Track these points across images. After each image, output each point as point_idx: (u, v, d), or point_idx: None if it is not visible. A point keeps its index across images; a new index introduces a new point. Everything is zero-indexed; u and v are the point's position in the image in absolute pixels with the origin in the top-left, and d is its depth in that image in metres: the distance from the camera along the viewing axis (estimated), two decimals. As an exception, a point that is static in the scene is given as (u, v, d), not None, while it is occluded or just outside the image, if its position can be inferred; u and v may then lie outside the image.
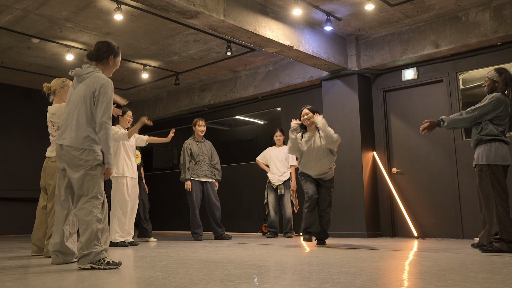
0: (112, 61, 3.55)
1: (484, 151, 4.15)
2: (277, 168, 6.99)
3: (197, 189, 6.47)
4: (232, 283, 2.41)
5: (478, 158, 4.19)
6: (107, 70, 3.55)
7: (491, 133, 4.15)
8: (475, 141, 4.27)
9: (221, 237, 6.57)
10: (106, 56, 3.51)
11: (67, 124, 3.40)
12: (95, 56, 3.50)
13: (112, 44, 3.56)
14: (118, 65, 3.63)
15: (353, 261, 3.45)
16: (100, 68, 3.50)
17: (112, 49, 3.54)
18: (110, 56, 3.53)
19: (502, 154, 4.09)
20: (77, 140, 3.33)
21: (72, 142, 3.34)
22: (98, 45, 3.53)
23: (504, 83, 4.21)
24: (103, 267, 3.12)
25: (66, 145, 3.36)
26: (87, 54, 3.52)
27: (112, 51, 3.54)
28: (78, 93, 3.41)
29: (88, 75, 3.42)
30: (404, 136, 6.71)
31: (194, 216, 6.43)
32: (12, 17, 5.93)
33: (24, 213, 8.88)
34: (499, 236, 3.97)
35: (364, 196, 6.51)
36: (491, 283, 2.35)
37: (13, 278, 2.72)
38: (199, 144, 6.65)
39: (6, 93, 8.92)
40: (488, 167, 4.10)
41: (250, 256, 3.95)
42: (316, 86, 7.49)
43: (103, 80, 3.38)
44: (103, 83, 3.36)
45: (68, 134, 3.38)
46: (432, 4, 5.77)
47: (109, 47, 3.53)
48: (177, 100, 9.38)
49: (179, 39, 6.78)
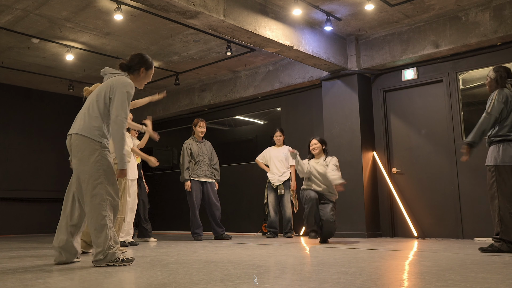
0: (144, 73, 3.54)
1: (493, 152, 4.15)
2: (277, 168, 6.99)
3: (197, 189, 6.46)
4: (232, 283, 2.41)
5: (488, 159, 4.19)
6: (137, 82, 3.54)
7: (499, 134, 4.14)
8: (487, 143, 4.27)
9: (221, 237, 6.57)
10: (138, 67, 3.51)
11: (78, 115, 3.42)
12: (127, 66, 3.50)
13: (146, 57, 3.56)
14: (150, 78, 3.61)
15: (353, 261, 3.45)
16: (131, 78, 3.49)
17: (145, 62, 3.53)
18: (142, 68, 3.52)
19: (510, 154, 4.07)
20: (84, 129, 3.32)
21: (80, 130, 3.32)
22: (132, 57, 3.54)
23: (495, 81, 4.25)
24: (118, 264, 3.20)
25: (74, 133, 3.35)
26: (120, 64, 3.51)
27: (144, 64, 3.53)
28: (98, 88, 3.43)
29: (115, 75, 3.44)
30: (404, 136, 6.71)
31: (194, 216, 6.43)
32: (12, 17, 5.93)
33: (24, 213, 8.90)
34: (499, 236, 3.97)
35: (364, 196, 6.51)
36: (491, 283, 2.35)
37: (14, 279, 2.72)
38: (199, 144, 6.65)
39: (6, 93, 8.93)
40: (496, 167, 4.09)
41: (250, 256, 3.95)
42: (316, 86, 7.49)
43: (126, 80, 3.38)
44: (124, 82, 3.36)
45: (78, 123, 3.37)
46: (432, 4, 5.77)
47: (142, 59, 3.53)
48: (177, 100, 9.38)
49: (179, 39, 6.78)
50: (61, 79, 8.62)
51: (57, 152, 9.47)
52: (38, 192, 9.10)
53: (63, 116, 9.63)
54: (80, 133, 3.32)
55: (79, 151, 3.31)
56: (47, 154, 9.31)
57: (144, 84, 3.62)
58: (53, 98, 9.49)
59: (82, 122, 3.35)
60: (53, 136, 9.43)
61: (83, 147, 3.30)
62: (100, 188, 3.24)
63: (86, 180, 3.26)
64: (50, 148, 9.36)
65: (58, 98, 9.55)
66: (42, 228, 9.04)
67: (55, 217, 10.05)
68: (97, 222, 3.22)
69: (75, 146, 3.33)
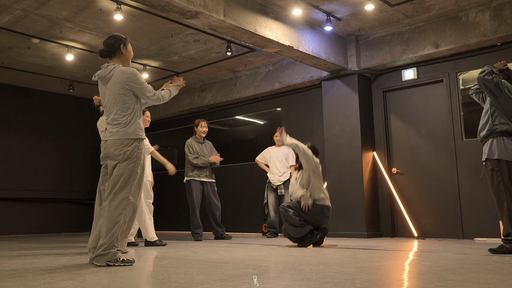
0: (124, 50, 3.58)
1: (492, 146, 4.10)
2: (277, 168, 6.99)
3: (197, 189, 6.48)
4: (232, 283, 2.41)
5: (489, 153, 4.09)
6: (125, 62, 3.59)
7: (496, 127, 4.11)
8: (483, 136, 4.20)
9: (221, 237, 6.57)
10: (118, 47, 3.55)
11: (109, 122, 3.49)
12: (107, 52, 3.55)
13: (117, 35, 3.61)
14: (132, 52, 3.67)
15: (353, 261, 3.45)
16: (117, 61, 3.54)
17: (119, 39, 3.58)
18: (121, 46, 3.56)
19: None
20: (124, 133, 3.40)
21: (119, 135, 3.40)
22: (106, 42, 3.58)
23: None
24: (118, 264, 3.22)
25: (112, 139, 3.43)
26: (100, 53, 3.56)
27: (120, 41, 3.57)
28: (111, 92, 3.46)
29: (112, 73, 3.47)
30: (404, 136, 6.71)
31: (194, 216, 6.43)
32: (12, 17, 5.93)
33: (24, 213, 8.90)
34: (511, 237, 3.88)
35: (364, 196, 6.51)
36: (491, 283, 2.35)
37: (14, 279, 2.72)
38: (200, 144, 6.67)
39: (6, 93, 8.93)
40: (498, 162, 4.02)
41: (250, 256, 3.95)
42: (316, 86, 7.49)
43: (128, 72, 3.45)
44: (128, 75, 3.43)
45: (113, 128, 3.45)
46: (432, 4, 5.77)
47: (116, 38, 3.58)
48: (177, 100, 9.38)
49: (179, 39, 6.78)
50: (61, 79, 8.62)
51: (57, 152, 9.48)
52: (38, 192, 9.10)
53: (63, 116, 9.64)
54: (122, 137, 3.44)
55: (114, 152, 3.46)
56: (47, 154, 9.31)
57: (130, 60, 3.65)
58: (53, 98, 9.49)
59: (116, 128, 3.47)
60: (53, 136, 9.43)
61: (118, 150, 3.47)
62: (126, 189, 3.36)
63: (116, 180, 3.38)
64: (50, 148, 9.37)
65: (58, 98, 9.55)
66: (42, 228, 9.04)
67: (55, 217, 10.05)
68: (112, 217, 3.28)
69: (110, 150, 3.46)
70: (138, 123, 3.46)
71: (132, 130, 3.40)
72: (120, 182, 3.31)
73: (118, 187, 3.31)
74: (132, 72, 3.44)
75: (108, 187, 3.35)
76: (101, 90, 3.57)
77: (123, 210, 3.29)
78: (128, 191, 3.32)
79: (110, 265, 3.22)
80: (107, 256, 3.23)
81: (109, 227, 3.25)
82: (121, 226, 3.28)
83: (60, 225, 9.29)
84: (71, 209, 9.46)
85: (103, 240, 3.24)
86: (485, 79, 4.05)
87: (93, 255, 3.35)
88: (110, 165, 3.39)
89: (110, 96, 3.46)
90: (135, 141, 3.39)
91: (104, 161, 3.47)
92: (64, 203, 9.42)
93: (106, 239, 3.23)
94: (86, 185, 9.51)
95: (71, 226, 9.28)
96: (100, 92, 3.59)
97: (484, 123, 4.15)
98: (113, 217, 3.26)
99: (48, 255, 4.21)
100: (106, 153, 3.43)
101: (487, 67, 4.14)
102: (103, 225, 3.30)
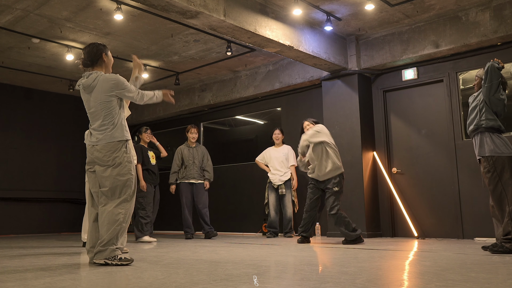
0: (106, 58, 3.66)
1: (485, 142, 4.13)
2: (277, 169, 7.00)
3: (187, 191, 6.92)
4: (232, 283, 2.41)
5: (483, 150, 4.13)
6: (106, 69, 3.67)
7: (490, 123, 4.14)
8: (473, 131, 4.27)
9: (207, 235, 6.83)
10: (100, 55, 3.62)
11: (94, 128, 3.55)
12: (90, 61, 3.62)
13: (97, 43, 3.68)
14: (112, 59, 3.76)
15: (353, 261, 3.45)
16: (99, 69, 3.62)
17: (100, 48, 3.65)
18: (103, 54, 3.64)
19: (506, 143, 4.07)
20: (111, 137, 3.48)
21: (107, 139, 3.48)
22: (86, 51, 3.64)
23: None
24: (116, 262, 3.26)
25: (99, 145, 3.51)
26: (83, 63, 3.63)
27: (101, 50, 3.64)
28: (96, 100, 3.51)
29: (96, 82, 3.52)
30: (404, 136, 6.71)
31: (184, 216, 6.91)
32: (12, 17, 5.92)
33: (24, 213, 8.90)
34: (511, 236, 3.87)
35: (364, 196, 6.51)
36: (491, 283, 2.35)
37: (14, 279, 2.72)
38: (190, 149, 7.07)
39: (6, 93, 8.92)
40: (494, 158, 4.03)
41: (250, 256, 3.95)
42: (316, 86, 7.48)
43: (112, 79, 3.51)
44: (113, 82, 3.51)
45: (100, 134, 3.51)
46: (432, 4, 5.77)
47: (97, 47, 3.64)
48: (177, 100, 9.36)
49: (179, 39, 6.78)
50: (61, 79, 8.62)
51: (57, 152, 9.48)
52: (38, 192, 9.10)
53: (63, 116, 9.63)
54: (109, 140, 3.54)
55: (102, 157, 3.55)
56: (47, 154, 9.31)
57: (110, 67, 3.72)
58: (53, 98, 9.48)
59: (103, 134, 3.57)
60: (53, 136, 9.43)
61: (106, 156, 3.56)
62: (125, 193, 3.48)
63: (109, 184, 3.49)
64: (50, 148, 9.36)
65: (58, 98, 9.55)
66: (42, 228, 9.04)
67: (55, 217, 10.05)
68: (112, 217, 3.36)
69: (99, 156, 3.54)
70: (123, 125, 3.55)
71: (119, 133, 3.49)
72: (118, 188, 3.41)
73: (116, 192, 3.41)
74: (115, 79, 3.52)
75: (105, 193, 3.42)
76: (84, 98, 3.62)
77: (122, 209, 3.39)
78: (126, 195, 3.43)
79: (108, 263, 3.26)
80: (105, 253, 3.28)
81: (109, 226, 3.33)
82: (120, 224, 3.36)
83: (60, 225, 9.28)
84: (71, 209, 9.45)
85: (103, 237, 3.32)
86: (496, 71, 4.07)
87: (92, 254, 3.40)
88: (99, 170, 3.45)
89: (96, 104, 3.52)
90: (122, 145, 3.48)
91: (90, 166, 3.53)
92: (64, 203, 9.42)
93: (106, 235, 3.31)
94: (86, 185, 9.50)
95: (71, 226, 9.27)
96: (84, 100, 3.63)
97: (473, 117, 4.23)
98: (112, 217, 3.35)
99: (48, 255, 4.22)
100: (93, 158, 3.49)
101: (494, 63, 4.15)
102: (103, 225, 3.33)
